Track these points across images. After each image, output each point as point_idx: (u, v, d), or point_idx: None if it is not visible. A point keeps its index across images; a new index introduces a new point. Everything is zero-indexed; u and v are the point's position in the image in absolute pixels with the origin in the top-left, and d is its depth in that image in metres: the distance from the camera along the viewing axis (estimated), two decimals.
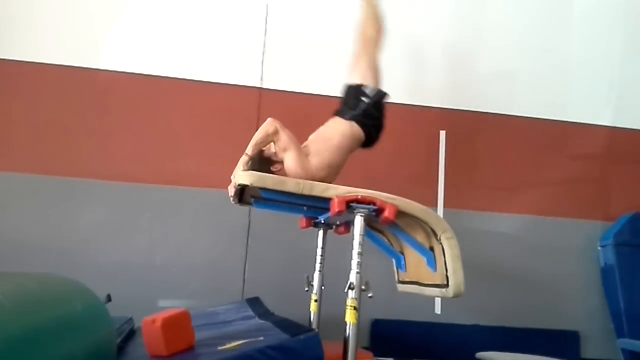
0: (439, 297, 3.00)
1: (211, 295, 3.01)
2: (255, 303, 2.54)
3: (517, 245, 3.43)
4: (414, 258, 2.17)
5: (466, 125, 3.52)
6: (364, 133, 2.32)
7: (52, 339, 1.14)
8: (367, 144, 2.39)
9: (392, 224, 2.00)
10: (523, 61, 3.65)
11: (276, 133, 2.08)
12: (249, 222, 3.16)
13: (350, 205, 1.83)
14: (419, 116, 3.47)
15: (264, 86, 3.33)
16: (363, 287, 1.79)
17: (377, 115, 2.38)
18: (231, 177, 2.03)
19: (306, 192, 1.89)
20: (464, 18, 3.65)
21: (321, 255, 2.39)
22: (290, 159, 2.09)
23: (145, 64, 3.27)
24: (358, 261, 1.80)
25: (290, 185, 1.89)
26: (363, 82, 2.41)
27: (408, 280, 2.31)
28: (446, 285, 1.90)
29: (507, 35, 3.65)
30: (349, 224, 2.10)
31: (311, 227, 2.37)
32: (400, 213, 1.87)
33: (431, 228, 1.93)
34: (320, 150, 2.20)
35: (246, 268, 3.14)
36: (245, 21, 3.39)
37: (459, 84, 3.58)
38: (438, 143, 3.42)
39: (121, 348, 1.91)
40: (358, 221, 1.84)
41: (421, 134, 3.47)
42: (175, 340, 1.65)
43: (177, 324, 1.68)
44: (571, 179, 3.57)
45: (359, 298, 1.78)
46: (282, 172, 2.15)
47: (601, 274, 3.44)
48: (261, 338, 1.67)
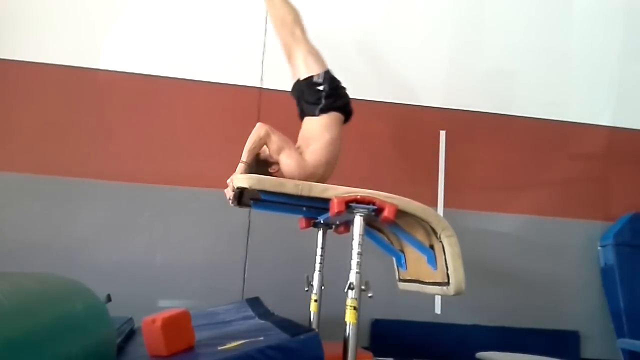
0: (440, 295, 2.99)
1: (211, 295, 3.01)
2: (255, 303, 2.54)
3: (517, 245, 3.43)
4: (415, 256, 2.17)
5: (466, 125, 3.52)
6: (340, 112, 2.34)
7: (52, 339, 1.14)
8: (346, 120, 2.41)
9: (392, 223, 2.00)
10: (523, 61, 3.65)
11: (268, 136, 2.10)
12: (249, 222, 3.16)
13: (349, 205, 1.84)
14: (419, 116, 3.47)
15: (264, 86, 3.32)
16: (363, 287, 1.79)
17: (339, 92, 2.38)
18: (227, 182, 2.03)
19: (305, 193, 1.89)
20: (464, 18, 3.65)
21: (321, 255, 2.39)
22: (285, 159, 2.10)
23: (145, 64, 3.27)
24: (358, 261, 1.80)
25: (289, 186, 1.90)
26: (310, 73, 2.40)
27: (409, 278, 2.31)
28: (447, 283, 1.90)
29: (507, 35, 3.65)
30: (349, 224, 2.09)
31: (311, 228, 2.37)
32: (399, 212, 1.87)
33: (431, 227, 1.93)
34: (316, 149, 2.20)
35: (246, 268, 3.14)
36: (245, 21, 3.39)
37: (459, 84, 3.58)
38: (438, 143, 3.42)
39: (121, 348, 1.91)
40: (357, 221, 1.84)
41: (421, 134, 3.47)
42: (175, 340, 1.65)
43: (177, 324, 1.68)
44: (571, 179, 3.56)
45: (359, 298, 1.78)
46: (280, 173, 2.16)
47: (601, 274, 3.44)
48: (261, 338, 1.67)
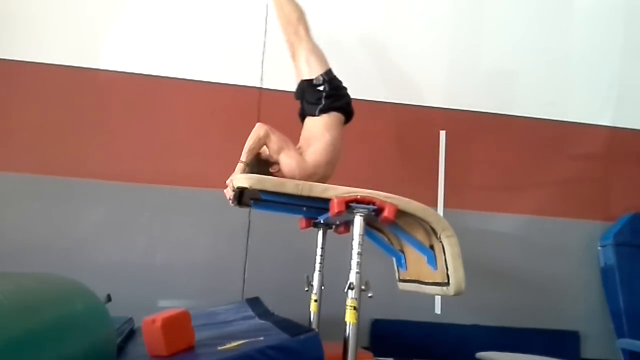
0: (440, 295, 2.99)
1: (211, 295, 3.01)
2: (255, 303, 2.54)
3: (517, 245, 3.43)
4: (415, 257, 2.17)
5: (466, 125, 3.52)
6: (340, 113, 2.35)
7: (52, 339, 1.14)
8: (347, 120, 2.41)
9: (392, 223, 2.00)
10: (523, 61, 3.65)
11: (267, 136, 2.10)
12: (249, 222, 3.16)
13: (349, 205, 1.84)
14: (419, 116, 3.47)
15: (264, 86, 3.32)
16: (363, 287, 1.79)
17: (339, 92, 2.39)
18: (227, 182, 2.03)
19: (305, 193, 1.89)
20: (464, 18, 3.65)
21: (321, 255, 2.39)
22: (285, 159, 2.10)
23: (145, 64, 3.26)
24: (358, 261, 1.80)
25: (289, 186, 1.90)
26: (312, 74, 2.40)
27: (409, 278, 2.31)
28: (447, 283, 1.90)
29: (507, 35, 3.65)
30: (349, 224, 2.09)
31: (311, 228, 2.37)
32: (399, 212, 1.87)
33: (431, 227, 1.93)
34: (316, 149, 2.20)
35: (246, 268, 3.14)
36: (245, 21, 3.39)
37: (459, 84, 3.57)
38: (438, 143, 3.42)
39: (121, 348, 1.91)
40: (358, 221, 1.84)
41: (421, 134, 3.47)
42: (175, 340, 1.65)
43: (177, 324, 1.68)
44: (571, 179, 3.56)
45: (359, 298, 1.78)
46: (281, 173, 2.16)
47: (601, 274, 3.44)
48: (261, 338, 1.67)
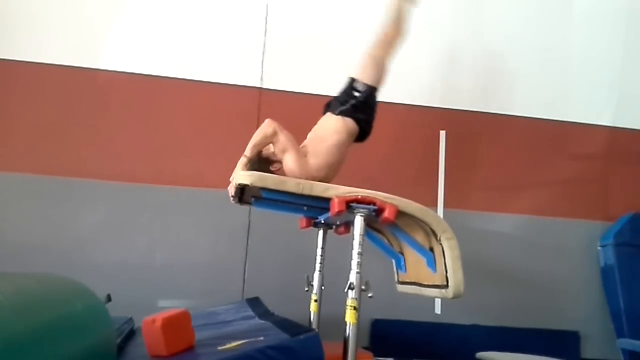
0: (439, 298, 3.00)
1: (211, 295, 3.01)
2: (255, 303, 2.54)
3: (517, 245, 3.43)
4: (414, 258, 2.17)
5: (466, 125, 3.52)
6: (357, 125, 2.31)
7: (52, 339, 1.14)
8: (359, 138, 2.38)
9: (392, 224, 2.00)
10: (523, 61, 3.65)
11: (275, 134, 2.09)
12: (249, 222, 3.16)
13: (350, 205, 1.84)
14: (419, 116, 3.47)
15: (264, 86, 3.33)
16: (363, 287, 1.79)
17: (368, 110, 2.36)
18: (230, 179, 2.03)
19: (306, 192, 1.89)
20: (464, 18, 3.65)
21: (321, 255, 2.39)
22: (289, 160, 2.09)
23: (145, 64, 3.27)
24: (358, 261, 1.80)
25: (290, 185, 1.90)
26: (360, 77, 2.37)
27: (408, 280, 2.31)
28: (446, 285, 1.90)
29: (507, 35, 3.65)
30: (349, 224, 2.09)
31: (311, 227, 2.37)
32: (400, 213, 1.87)
33: (431, 228, 1.93)
34: (318, 150, 2.20)
35: (246, 268, 3.14)
36: (245, 21, 3.39)
37: (459, 84, 3.58)
38: (438, 143, 3.42)
39: (121, 348, 1.91)
40: (358, 221, 1.84)
41: (421, 134, 3.47)
42: (175, 340, 1.65)
43: (177, 324, 1.68)
44: (571, 179, 3.57)
45: (359, 298, 1.78)
46: (282, 172, 2.16)
47: (601, 274, 3.44)
48: (261, 338, 1.67)
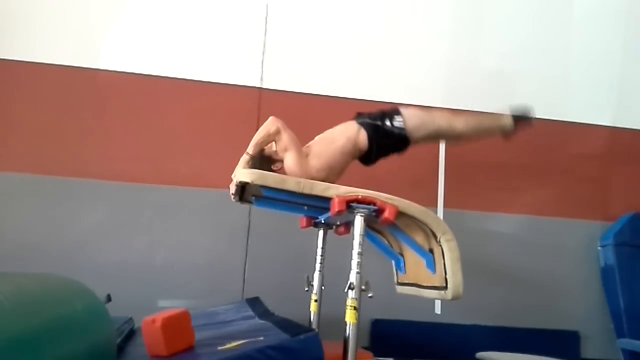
0: (438, 300, 3.00)
1: (211, 295, 3.01)
2: (255, 303, 2.53)
3: (517, 245, 3.43)
4: (414, 260, 2.17)
5: None
6: (367, 144, 2.26)
7: (52, 339, 1.14)
8: (365, 159, 2.33)
9: (392, 225, 2.00)
10: (523, 61, 3.65)
11: (278, 133, 2.08)
12: (249, 222, 3.16)
13: (350, 205, 1.84)
14: None
15: (264, 86, 3.33)
16: (363, 287, 1.79)
17: (385, 141, 2.29)
18: (232, 177, 2.03)
19: (307, 191, 1.89)
20: (464, 18, 3.65)
21: (321, 255, 2.38)
22: (290, 160, 2.09)
23: (145, 64, 3.27)
24: (358, 261, 1.80)
25: (291, 184, 1.90)
26: (406, 115, 2.29)
27: (407, 282, 2.31)
28: (445, 287, 1.90)
29: (508, 35, 3.65)
30: (349, 225, 2.09)
31: (311, 227, 2.37)
32: (400, 214, 1.87)
33: (431, 230, 1.93)
34: (321, 152, 2.19)
35: (246, 268, 3.14)
36: (245, 21, 3.39)
37: (459, 84, 3.57)
38: (438, 143, 3.42)
39: (121, 348, 1.91)
40: (358, 221, 1.84)
41: None
42: (175, 340, 1.65)
43: (177, 324, 1.68)
44: (571, 179, 3.57)
45: (359, 298, 1.78)
46: (283, 171, 2.15)
47: (601, 274, 3.44)
48: (261, 338, 1.67)
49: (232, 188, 2.05)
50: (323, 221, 2.28)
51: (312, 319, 2.33)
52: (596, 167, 3.62)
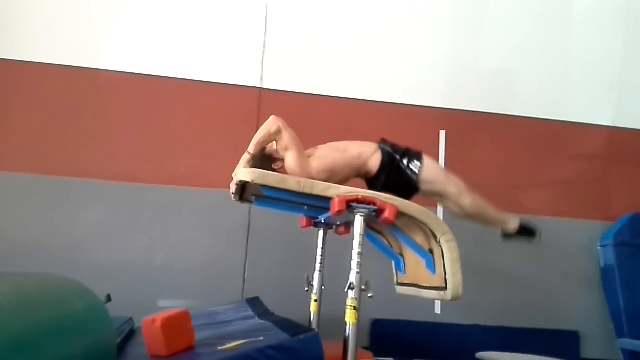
0: (438, 300, 2.99)
1: (211, 295, 3.01)
2: (255, 303, 2.53)
3: (517, 245, 3.42)
4: (414, 260, 2.17)
5: (466, 125, 3.52)
6: (377, 169, 2.24)
7: (52, 339, 1.14)
8: (370, 183, 2.29)
9: (392, 225, 2.00)
10: (523, 61, 3.65)
11: (279, 132, 2.08)
12: (249, 222, 3.16)
13: (350, 205, 1.84)
14: (419, 116, 3.46)
15: (264, 86, 3.33)
16: (363, 287, 1.79)
17: (395, 177, 2.24)
18: (232, 175, 2.03)
19: (307, 191, 1.89)
20: (464, 18, 3.65)
21: (321, 255, 2.38)
22: (290, 159, 2.09)
23: (145, 64, 3.27)
24: (358, 261, 1.80)
25: (291, 183, 1.89)
26: (426, 162, 2.27)
27: (407, 282, 2.31)
28: (445, 288, 1.90)
29: (507, 35, 3.65)
30: (349, 225, 2.09)
31: (311, 227, 2.37)
32: (400, 214, 1.87)
33: (431, 230, 1.93)
34: (326, 155, 2.18)
35: (246, 268, 3.14)
36: (245, 21, 3.39)
37: (459, 84, 3.58)
38: (438, 143, 3.42)
39: (121, 348, 1.91)
40: (358, 221, 1.84)
41: (421, 134, 3.46)
42: (175, 340, 1.65)
43: (177, 324, 1.68)
44: (571, 179, 3.57)
45: (359, 298, 1.78)
46: (283, 170, 2.15)
47: (601, 274, 3.44)
48: (261, 338, 1.67)
49: (233, 187, 2.05)
50: (323, 221, 2.28)
51: (312, 319, 2.33)
52: (596, 167, 3.62)
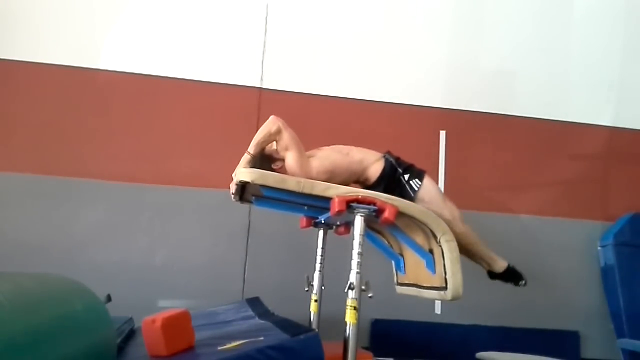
0: (438, 300, 2.99)
1: (211, 295, 3.01)
2: (255, 303, 2.54)
3: (517, 245, 3.42)
4: (414, 260, 2.17)
5: (466, 125, 3.52)
6: (377, 177, 2.21)
7: (52, 339, 1.14)
8: (369, 188, 2.22)
9: (392, 225, 2.00)
10: (523, 61, 3.65)
11: (279, 132, 2.07)
12: (249, 222, 3.16)
13: (350, 205, 1.84)
14: (419, 116, 3.46)
15: (264, 86, 3.33)
16: (363, 287, 1.79)
17: (393, 188, 2.18)
18: (232, 175, 2.03)
19: (307, 191, 1.89)
20: (464, 18, 3.65)
21: (321, 255, 2.39)
22: (290, 159, 2.09)
23: (145, 64, 3.27)
24: (358, 261, 1.80)
25: (291, 183, 1.89)
26: (426, 182, 2.19)
27: (407, 282, 2.31)
28: (445, 287, 1.90)
29: (507, 35, 3.65)
30: (349, 225, 2.09)
31: (311, 227, 2.37)
32: (400, 214, 1.87)
33: (431, 230, 1.93)
34: (328, 157, 2.17)
35: (246, 268, 3.14)
36: (245, 21, 3.39)
37: (459, 84, 3.58)
38: (438, 143, 3.42)
39: (121, 348, 1.91)
40: (358, 221, 1.84)
41: (421, 134, 3.47)
42: (175, 340, 1.65)
43: (177, 324, 1.68)
44: (571, 179, 3.56)
45: (359, 298, 1.78)
46: (283, 170, 2.15)
47: (601, 274, 3.44)
48: (261, 338, 1.67)
49: (233, 187, 2.05)
50: (323, 221, 2.28)
51: (312, 319, 2.33)
52: (596, 167, 3.62)
